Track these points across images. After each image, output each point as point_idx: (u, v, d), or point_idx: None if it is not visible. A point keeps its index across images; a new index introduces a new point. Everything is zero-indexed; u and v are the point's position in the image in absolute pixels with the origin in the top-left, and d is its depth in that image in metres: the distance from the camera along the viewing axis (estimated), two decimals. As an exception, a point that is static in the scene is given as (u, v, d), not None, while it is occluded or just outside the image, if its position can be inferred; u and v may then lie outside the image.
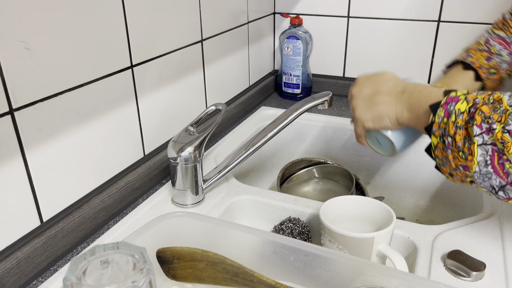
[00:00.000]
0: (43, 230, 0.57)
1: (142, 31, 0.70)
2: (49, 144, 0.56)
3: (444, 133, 0.54)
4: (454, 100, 0.54)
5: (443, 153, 0.55)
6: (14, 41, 0.50)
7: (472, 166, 0.51)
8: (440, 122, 0.54)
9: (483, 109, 0.50)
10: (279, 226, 0.68)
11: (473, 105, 0.52)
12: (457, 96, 0.54)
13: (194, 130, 0.70)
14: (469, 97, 0.53)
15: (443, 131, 0.54)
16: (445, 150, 0.54)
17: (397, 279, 0.44)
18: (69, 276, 0.36)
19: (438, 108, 0.55)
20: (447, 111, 0.54)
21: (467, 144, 0.51)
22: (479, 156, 0.50)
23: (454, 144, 0.52)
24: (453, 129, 0.52)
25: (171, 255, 0.51)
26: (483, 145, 0.50)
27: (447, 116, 0.54)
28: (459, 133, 0.52)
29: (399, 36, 1.12)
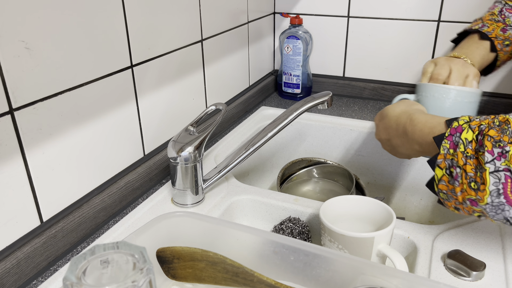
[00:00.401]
0: (43, 230, 0.57)
1: (142, 30, 0.70)
2: (49, 144, 0.56)
3: (452, 164, 0.53)
4: (458, 130, 0.53)
5: (449, 186, 0.54)
6: (14, 41, 0.50)
7: (483, 197, 0.49)
8: (446, 153, 0.53)
9: (491, 133, 0.49)
10: (279, 226, 0.68)
11: (479, 132, 0.51)
12: (460, 126, 0.54)
13: (194, 130, 0.70)
14: (473, 125, 0.52)
15: (450, 162, 0.53)
16: (451, 182, 0.53)
17: (397, 278, 0.44)
18: (69, 275, 0.36)
19: (442, 140, 0.54)
20: (452, 143, 0.53)
21: (479, 173, 0.49)
22: (492, 185, 0.48)
23: (464, 175, 0.51)
24: (463, 159, 0.51)
25: (171, 255, 0.50)
26: (495, 172, 0.48)
27: (453, 147, 0.53)
28: (470, 163, 0.50)
29: (399, 36, 1.12)
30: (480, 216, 0.53)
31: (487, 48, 0.80)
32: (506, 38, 0.80)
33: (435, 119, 0.60)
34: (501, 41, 0.80)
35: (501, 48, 0.80)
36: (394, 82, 1.17)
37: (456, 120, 0.55)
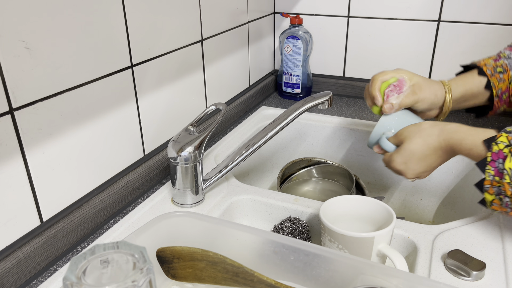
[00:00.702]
0: (43, 229, 0.57)
1: (142, 30, 0.70)
2: (49, 144, 0.56)
3: (500, 192, 0.55)
4: (500, 156, 0.54)
5: (502, 209, 0.56)
6: (14, 40, 0.50)
7: None
8: (492, 180, 0.55)
9: None
10: (279, 225, 0.68)
11: None
12: (501, 150, 0.54)
13: (194, 130, 0.70)
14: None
15: (498, 190, 0.55)
16: (503, 206, 0.56)
17: (397, 278, 0.44)
18: (69, 275, 0.36)
19: (485, 166, 0.56)
20: (497, 170, 0.55)
21: None
22: None
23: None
24: (510, 190, 0.53)
25: (171, 255, 0.50)
26: None
27: (498, 175, 0.54)
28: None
29: (399, 36, 1.12)
30: None
31: (474, 73, 0.77)
32: (498, 65, 0.76)
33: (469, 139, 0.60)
34: (491, 67, 0.76)
35: (492, 74, 0.76)
36: (394, 82, 1.17)
37: (494, 141, 0.56)
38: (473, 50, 1.06)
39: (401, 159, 0.68)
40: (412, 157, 0.67)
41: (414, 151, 0.67)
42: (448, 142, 0.63)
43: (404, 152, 0.68)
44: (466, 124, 0.64)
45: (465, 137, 0.61)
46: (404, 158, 0.68)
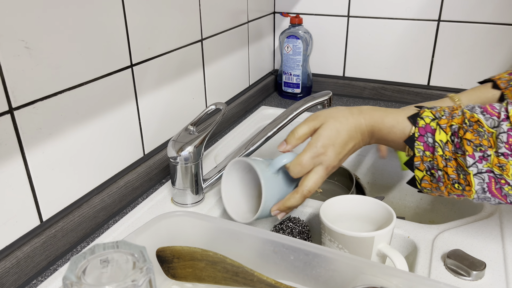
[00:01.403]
0: (43, 229, 0.57)
1: (142, 30, 0.70)
2: (49, 143, 0.56)
3: (431, 167, 0.53)
4: (428, 130, 0.53)
5: (432, 184, 0.55)
6: (14, 40, 0.50)
7: (470, 195, 0.52)
8: (422, 156, 0.54)
9: (468, 137, 0.50)
10: (279, 225, 0.68)
11: (452, 133, 0.52)
12: (428, 125, 0.53)
13: (194, 130, 0.70)
14: (442, 124, 0.52)
15: (430, 165, 0.54)
16: (434, 182, 0.54)
17: (397, 278, 0.44)
18: (68, 275, 0.36)
19: (414, 142, 0.54)
20: (426, 144, 0.53)
21: (462, 176, 0.51)
22: (477, 185, 0.50)
23: (447, 177, 0.52)
24: (443, 162, 0.52)
25: (171, 255, 0.50)
26: (478, 174, 0.50)
27: (428, 149, 0.53)
28: (450, 165, 0.52)
29: (399, 36, 1.12)
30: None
31: (488, 86, 0.76)
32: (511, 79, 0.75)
33: (390, 115, 0.57)
34: (505, 81, 0.75)
35: (505, 87, 0.75)
36: (394, 82, 1.17)
37: (419, 117, 0.54)
38: (473, 49, 1.06)
39: (327, 139, 0.59)
40: (338, 138, 0.59)
41: (340, 130, 0.59)
42: (370, 121, 0.59)
43: (329, 131, 0.59)
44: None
45: (386, 115, 0.58)
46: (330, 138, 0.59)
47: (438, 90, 1.12)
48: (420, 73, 1.13)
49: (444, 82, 1.12)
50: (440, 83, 1.12)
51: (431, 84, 1.13)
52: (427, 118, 0.54)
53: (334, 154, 0.59)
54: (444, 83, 1.12)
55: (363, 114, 0.60)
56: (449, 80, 1.11)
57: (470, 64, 1.07)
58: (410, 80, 1.15)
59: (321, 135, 0.59)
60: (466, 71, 1.08)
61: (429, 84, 1.13)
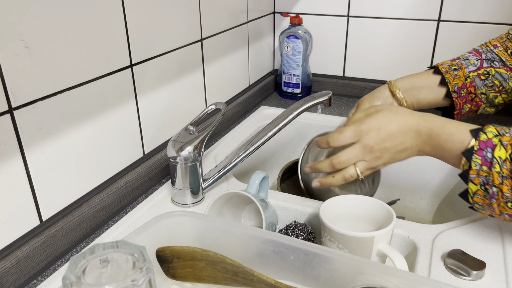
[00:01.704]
0: (43, 229, 0.57)
1: (142, 30, 0.70)
2: (49, 143, 0.56)
3: (487, 182, 0.52)
4: (489, 145, 0.53)
5: (485, 200, 0.54)
6: (13, 39, 0.50)
7: None
8: (479, 170, 0.53)
9: None
10: (285, 230, 0.67)
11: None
12: (490, 140, 0.53)
13: (194, 129, 0.70)
14: (504, 141, 0.52)
15: (485, 180, 0.53)
16: (487, 198, 0.53)
17: (397, 278, 0.44)
18: (68, 275, 0.36)
19: (472, 155, 0.53)
20: (484, 159, 0.52)
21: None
22: None
23: (501, 194, 0.51)
24: (499, 179, 0.51)
25: (171, 254, 0.50)
26: None
27: (486, 164, 0.52)
28: (506, 184, 0.51)
29: (399, 36, 1.12)
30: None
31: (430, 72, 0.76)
32: (454, 64, 0.75)
33: (452, 124, 0.57)
34: (447, 66, 0.75)
35: (446, 71, 0.74)
36: (394, 82, 1.17)
37: (483, 131, 0.54)
38: (473, 49, 1.06)
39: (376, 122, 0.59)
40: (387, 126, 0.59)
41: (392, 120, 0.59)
42: (430, 124, 0.58)
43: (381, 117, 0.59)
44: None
45: (448, 122, 0.58)
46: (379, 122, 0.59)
47: (438, 90, 1.12)
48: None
49: (444, 82, 1.12)
50: (440, 83, 1.12)
51: (431, 84, 1.13)
52: (489, 133, 0.53)
53: (377, 139, 0.59)
54: (444, 83, 1.12)
55: (424, 116, 0.59)
56: (449, 80, 1.11)
57: (470, 64, 1.07)
58: (410, 80, 1.15)
59: (370, 117, 0.60)
60: (466, 71, 1.08)
61: (429, 84, 1.13)
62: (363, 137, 0.60)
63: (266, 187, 0.68)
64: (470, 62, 0.75)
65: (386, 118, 0.60)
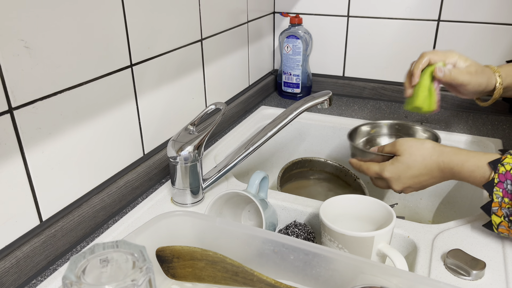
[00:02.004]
0: (43, 229, 0.57)
1: (142, 30, 0.70)
2: (49, 143, 0.56)
3: (509, 214, 0.54)
4: (508, 177, 0.54)
5: (510, 230, 0.55)
6: (13, 39, 0.50)
7: None
8: (501, 202, 0.54)
9: None
10: (285, 230, 0.67)
11: None
12: (509, 172, 0.54)
13: (193, 129, 0.70)
14: None
15: (508, 212, 0.54)
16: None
17: (397, 277, 0.44)
18: (68, 274, 0.36)
19: (493, 187, 0.55)
20: (505, 191, 0.54)
21: None
22: None
23: None
24: None
25: (171, 254, 0.50)
26: None
27: (507, 196, 0.54)
28: None
29: (399, 36, 1.12)
30: None
31: None
32: None
33: (471, 161, 0.60)
34: None
35: None
36: (393, 82, 1.17)
37: (500, 163, 0.55)
38: (473, 49, 1.06)
39: (396, 170, 0.67)
40: (407, 172, 0.67)
41: (411, 167, 0.66)
42: (449, 164, 0.62)
43: (401, 165, 0.67)
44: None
45: (467, 159, 0.60)
46: (398, 171, 0.67)
47: (438, 90, 1.12)
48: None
49: (444, 82, 1.11)
50: (440, 83, 1.12)
51: (431, 84, 1.13)
52: (507, 165, 0.55)
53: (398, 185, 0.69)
54: (444, 83, 1.12)
55: (442, 156, 0.63)
56: (449, 80, 1.11)
57: (470, 64, 1.07)
58: (410, 80, 1.15)
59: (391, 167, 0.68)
60: (466, 71, 1.08)
61: (429, 84, 1.13)
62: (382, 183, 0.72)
63: (266, 187, 0.68)
64: None
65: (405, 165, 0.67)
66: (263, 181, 0.67)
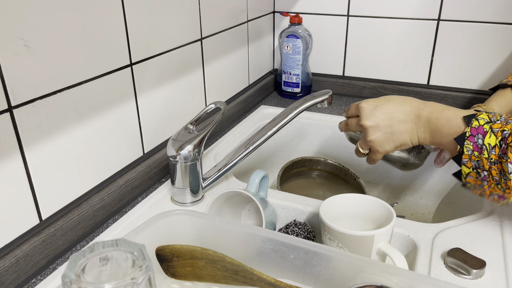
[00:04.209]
0: (42, 228, 0.57)
1: (142, 29, 0.70)
2: (48, 142, 0.56)
3: (478, 166, 0.55)
4: (480, 131, 0.55)
5: (477, 181, 0.57)
6: (13, 38, 0.49)
7: (509, 197, 0.54)
8: (471, 154, 0.56)
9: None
10: (285, 229, 0.67)
11: (502, 138, 0.53)
12: (482, 126, 0.55)
13: (193, 128, 0.70)
14: (495, 128, 0.54)
15: (476, 164, 0.55)
16: (479, 179, 0.56)
17: (397, 276, 0.44)
18: (68, 273, 0.36)
19: (464, 141, 0.56)
20: (475, 145, 0.55)
21: (503, 180, 0.53)
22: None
23: (491, 177, 0.54)
24: (488, 164, 0.54)
25: (171, 253, 0.50)
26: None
27: (477, 150, 0.55)
28: (495, 168, 0.53)
29: (399, 35, 1.12)
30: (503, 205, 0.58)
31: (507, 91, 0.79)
32: None
33: (451, 110, 0.60)
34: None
35: None
36: (393, 81, 1.17)
37: (475, 118, 0.56)
38: (473, 49, 1.06)
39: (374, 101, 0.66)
40: (384, 104, 0.64)
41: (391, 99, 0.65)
42: (427, 110, 0.62)
43: (381, 98, 0.66)
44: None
45: (447, 109, 0.61)
46: (376, 101, 0.65)
47: (437, 90, 1.12)
48: (420, 72, 1.13)
49: (444, 81, 1.12)
50: (440, 83, 1.12)
51: (430, 83, 1.13)
52: (481, 120, 0.56)
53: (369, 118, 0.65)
54: (444, 83, 1.12)
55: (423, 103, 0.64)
56: (448, 80, 1.11)
57: (469, 63, 1.07)
58: (409, 79, 1.15)
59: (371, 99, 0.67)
60: (465, 70, 1.08)
61: (428, 83, 1.13)
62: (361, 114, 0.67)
63: (266, 186, 0.68)
64: None
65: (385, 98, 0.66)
66: (263, 180, 0.67)
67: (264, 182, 0.67)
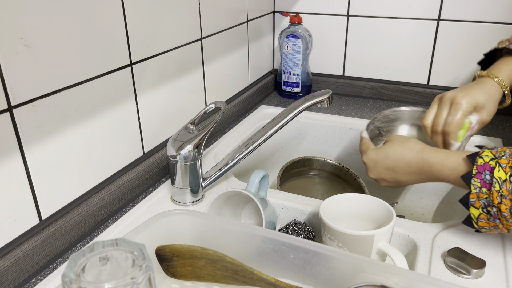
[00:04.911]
0: (42, 228, 0.57)
1: (142, 29, 0.70)
2: (48, 142, 0.56)
3: (488, 204, 0.54)
4: (486, 168, 0.54)
5: (490, 223, 0.55)
6: (13, 37, 0.49)
7: None
8: (479, 192, 0.54)
9: None
10: (285, 229, 0.67)
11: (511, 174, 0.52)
12: (487, 163, 0.54)
13: (193, 128, 0.70)
14: (503, 163, 0.53)
15: (486, 202, 0.54)
16: (491, 220, 0.55)
17: (397, 276, 0.44)
18: (67, 272, 0.36)
19: (471, 178, 0.55)
20: (483, 181, 0.54)
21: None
22: None
23: (500, 213, 0.53)
24: (498, 198, 0.53)
25: (171, 253, 0.50)
26: None
27: (485, 186, 0.54)
28: (505, 203, 0.52)
29: (399, 35, 1.12)
30: None
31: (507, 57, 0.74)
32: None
33: (452, 158, 0.60)
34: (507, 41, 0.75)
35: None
36: (393, 81, 1.17)
37: (479, 156, 0.55)
38: (473, 49, 1.06)
39: (374, 157, 0.69)
40: (384, 161, 0.68)
41: (389, 156, 0.67)
42: (428, 162, 0.63)
43: (380, 153, 0.69)
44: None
45: (447, 157, 0.60)
46: (376, 158, 0.69)
47: (437, 89, 1.12)
48: (420, 72, 1.13)
49: (444, 81, 1.12)
50: (440, 82, 1.12)
51: (430, 83, 1.13)
52: (486, 157, 0.55)
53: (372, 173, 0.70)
54: (444, 82, 1.12)
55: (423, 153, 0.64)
56: (448, 79, 1.11)
57: (469, 63, 1.07)
58: (409, 79, 1.15)
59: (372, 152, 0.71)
60: (465, 70, 1.08)
61: (428, 83, 1.13)
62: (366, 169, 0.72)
63: (266, 186, 0.68)
64: None
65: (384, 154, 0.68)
66: (263, 180, 0.67)
67: (264, 182, 0.67)
